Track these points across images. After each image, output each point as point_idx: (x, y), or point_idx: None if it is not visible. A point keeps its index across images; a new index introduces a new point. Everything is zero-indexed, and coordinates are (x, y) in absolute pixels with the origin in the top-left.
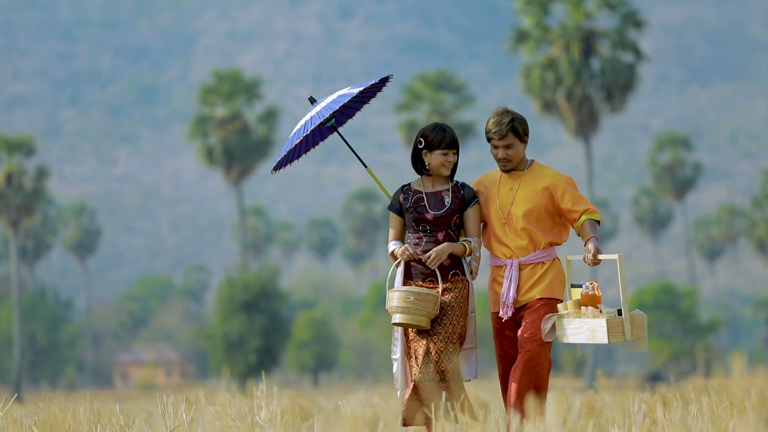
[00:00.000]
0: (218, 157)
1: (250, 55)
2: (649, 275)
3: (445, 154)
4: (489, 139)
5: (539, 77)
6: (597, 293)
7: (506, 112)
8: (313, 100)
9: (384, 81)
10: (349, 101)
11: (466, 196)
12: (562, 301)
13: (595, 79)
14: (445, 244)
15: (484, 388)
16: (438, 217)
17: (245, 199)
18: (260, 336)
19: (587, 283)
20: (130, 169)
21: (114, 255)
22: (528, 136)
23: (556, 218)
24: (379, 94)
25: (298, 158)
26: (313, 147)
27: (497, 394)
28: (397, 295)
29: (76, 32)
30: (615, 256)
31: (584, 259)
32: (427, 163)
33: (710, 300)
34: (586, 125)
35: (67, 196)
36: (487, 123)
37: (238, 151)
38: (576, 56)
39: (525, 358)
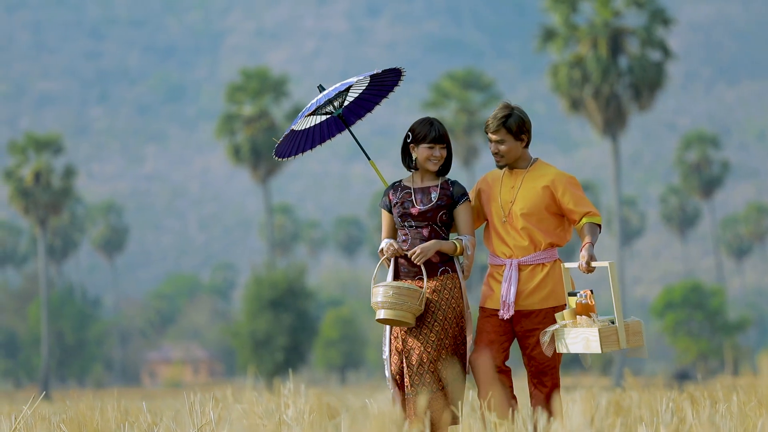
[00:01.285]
0: (245, 155)
1: (277, 53)
2: (676, 273)
3: (431, 148)
4: (485, 131)
5: (567, 75)
6: (590, 302)
7: (506, 107)
8: (321, 88)
9: (397, 75)
10: (362, 97)
11: (455, 194)
12: (563, 305)
13: (623, 77)
14: (432, 241)
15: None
16: (423, 212)
17: (272, 197)
18: (287, 334)
19: (581, 292)
20: (158, 168)
21: (142, 253)
22: (527, 134)
23: (558, 218)
24: (399, 90)
25: (311, 149)
26: (329, 138)
27: (525, 391)
28: (380, 291)
29: (104, 30)
30: (606, 263)
31: (579, 266)
32: (414, 158)
33: (738, 298)
34: (613, 123)
35: (95, 194)
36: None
37: (266, 149)
38: (604, 54)
39: (544, 396)
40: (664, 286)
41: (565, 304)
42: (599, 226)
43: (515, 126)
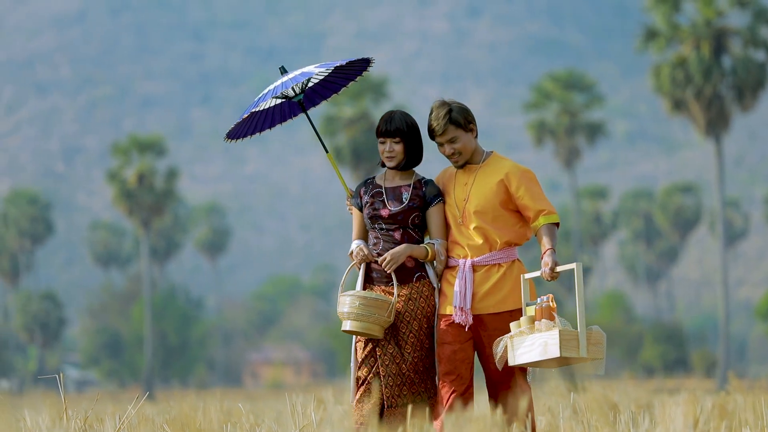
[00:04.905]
0: (346, 157)
1: (378, 55)
2: None
3: (382, 143)
4: (432, 138)
5: (669, 76)
6: (552, 304)
7: (443, 104)
8: (283, 71)
9: (365, 63)
10: (328, 79)
11: (427, 194)
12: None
13: (726, 78)
14: (403, 245)
15: (613, 389)
16: (393, 214)
17: None
18: None
19: (542, 297)
20: (259, 169)
21: (243, 254)
22: (473, 124)
23: (516, 215)
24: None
25: (260, 131)
26: (281, 123)
27: (626, 394)
28: (347, 301)
29: (207, 32)
30: (572, 266)
31: (542, 274)
32: None
33: None
34: (716, 124)
35: (198, 195)
36: (428, 120)
37: (366, 151)
38: (706, 54)
39: (507, 392)
40: None
41: (521, 307)
42: (557, 225)
43: (462, 118)
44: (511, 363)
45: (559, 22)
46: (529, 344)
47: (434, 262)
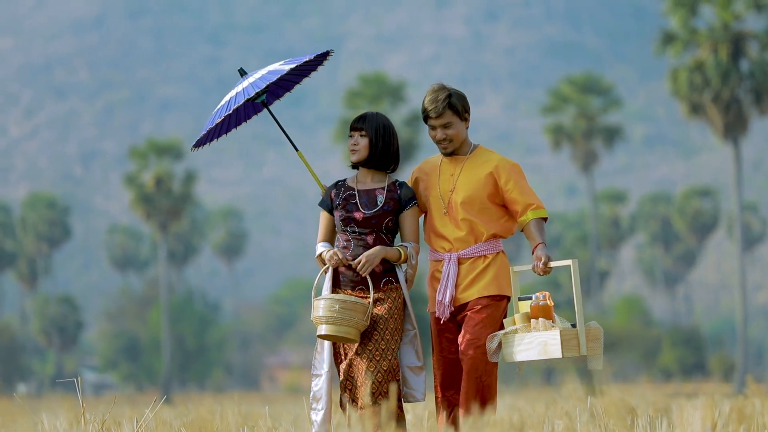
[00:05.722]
0: None
1: (396, 59)
2: None
3: (350, 137)
4: (426, 119)
5: (687, 79)
6: (549, 302)
7: (443, 87)
8: (243, 72)
9: (323, 56)
10: (283, 77)
11: (402, 197)
12: (506, 298)
13: (744, 81)
14: (377, 247)
15: (631, 393)
16: (367, 218)
17: None
18: None
19: (537, 294)
20: (276, 172)
21: (261, 257)
22: (469, 113)
23: (502, 209)
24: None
25: (227, 133)
26: (244, 122)
27: (644, 398)
28: (322, 304)
29: (224, 37)
30: (569, 262)
31: (533, 268)
32: None
33: None
34: (734, 128)
35: (215, 199)
36: (423, 101)
37: None
38: (724, 58)
39: (467, 367)
40: None
41: (508, 296)
42: (545, 220)
43: (460, 105)
44: (508, 360)
45: (577, 26)
46: (527, 342)
47: (404, 265)
